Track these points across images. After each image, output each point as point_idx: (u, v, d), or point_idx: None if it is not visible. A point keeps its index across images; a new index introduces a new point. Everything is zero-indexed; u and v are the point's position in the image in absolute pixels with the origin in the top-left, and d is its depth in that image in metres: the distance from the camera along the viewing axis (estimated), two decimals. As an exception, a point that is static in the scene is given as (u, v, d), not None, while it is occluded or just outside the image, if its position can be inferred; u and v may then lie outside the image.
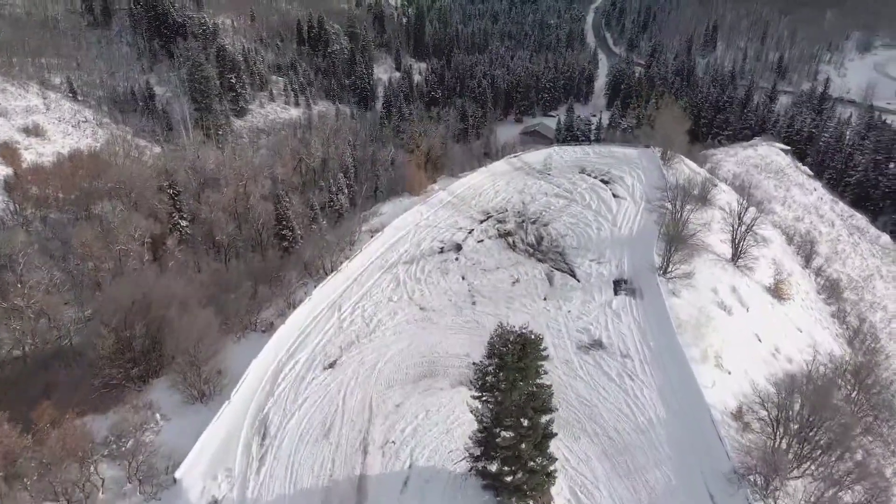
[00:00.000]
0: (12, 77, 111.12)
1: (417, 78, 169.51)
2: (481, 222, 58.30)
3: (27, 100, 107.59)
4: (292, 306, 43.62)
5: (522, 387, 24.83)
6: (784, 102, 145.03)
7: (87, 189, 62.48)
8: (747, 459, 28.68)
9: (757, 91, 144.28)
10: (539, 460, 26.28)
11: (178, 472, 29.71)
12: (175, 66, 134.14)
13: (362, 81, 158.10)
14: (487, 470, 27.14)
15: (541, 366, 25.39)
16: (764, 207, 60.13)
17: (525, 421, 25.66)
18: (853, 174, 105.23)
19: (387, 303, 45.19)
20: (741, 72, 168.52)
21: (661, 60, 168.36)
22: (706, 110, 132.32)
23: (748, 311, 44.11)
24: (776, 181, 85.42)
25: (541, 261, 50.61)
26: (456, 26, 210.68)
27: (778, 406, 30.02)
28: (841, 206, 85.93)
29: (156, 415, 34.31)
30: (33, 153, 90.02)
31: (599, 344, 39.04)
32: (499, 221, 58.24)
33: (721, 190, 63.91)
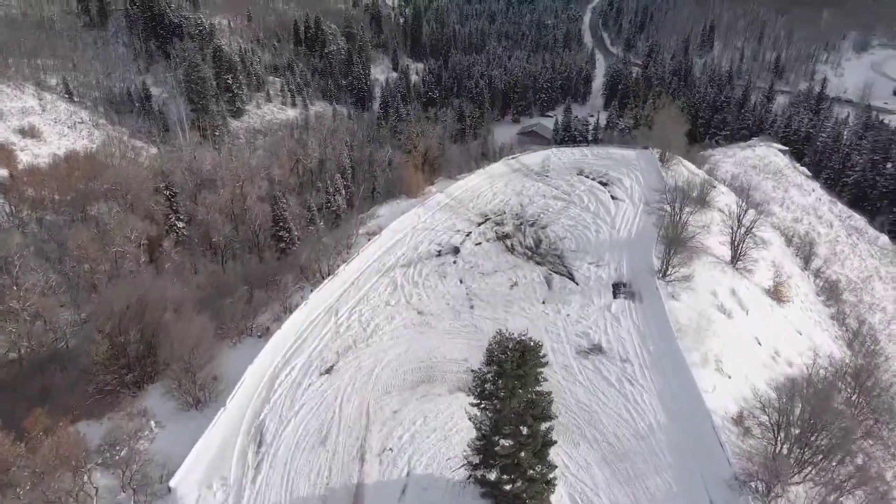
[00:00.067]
0: (8, 78, 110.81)
1: (414, 78, 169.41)
2: (479, 225, 57.96)
3: (23, 101, 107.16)
4: (289, 311, 43.23)
5: (522, 394, 24.55)
6: (781, 102, 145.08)
7: (84, 190, 61.92)
8: (748, 465, 28.43)
9: (754, 91, 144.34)
10: (539, 468, 25.98)
11: (173, 481, 29.31)
12: (171, 67, 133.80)
13: (359, 82, 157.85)
14: (486, 478, 26.87)
15: (540, 373, 25.12)
16: (763, 209, 59.86)
17: (524, 429, 25.38)
18: (851, 174, 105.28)
19: (384, 307, 44.80)
20: (738, 72, 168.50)
21: (659, 60, 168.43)
22: (703, 110, 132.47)
23: (748, 314, 43.97)
24: (774, 182, 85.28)
25: (539, 264, 50.29)
26: (453, 26, 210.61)
27: (779, 411, 29.73)
28: (839, 207, 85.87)
29: (150, 422, 33.88)
30: (29, 154, 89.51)
31: (599, 348, 38.77)
32: (497, 224, 57.90)
33: (720, 191, 63.70)
